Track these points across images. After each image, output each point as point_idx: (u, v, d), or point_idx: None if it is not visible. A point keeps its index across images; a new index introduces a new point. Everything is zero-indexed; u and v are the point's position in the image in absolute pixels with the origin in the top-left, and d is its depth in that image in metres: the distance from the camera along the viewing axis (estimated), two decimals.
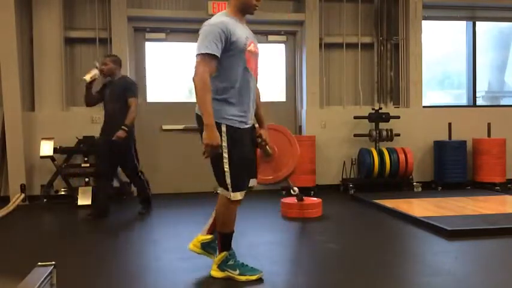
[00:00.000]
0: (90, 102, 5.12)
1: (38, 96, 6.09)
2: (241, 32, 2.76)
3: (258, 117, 3.06)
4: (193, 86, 2.65)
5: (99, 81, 5.17)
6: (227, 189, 2.73)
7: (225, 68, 2.71)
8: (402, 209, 4.83)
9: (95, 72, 4.94)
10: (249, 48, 2.78)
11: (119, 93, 4.94)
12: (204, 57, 2.63)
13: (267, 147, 3.12)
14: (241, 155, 2.74)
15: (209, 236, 3.01)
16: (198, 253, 3.02)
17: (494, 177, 6.46)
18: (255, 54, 2.87)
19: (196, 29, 7.24)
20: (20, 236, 4.31)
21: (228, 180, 2.71)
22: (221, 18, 2.73)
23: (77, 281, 2.88)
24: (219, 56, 2.65)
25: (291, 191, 4.74)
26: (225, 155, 2.69)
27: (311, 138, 6.38)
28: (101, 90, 5.14)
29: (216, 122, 2.63)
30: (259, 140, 3.00)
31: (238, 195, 2.75)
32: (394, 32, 6.86)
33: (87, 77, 4.91)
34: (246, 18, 2.92)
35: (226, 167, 2.69)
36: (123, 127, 4.84)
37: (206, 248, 3.02)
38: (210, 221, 3.06)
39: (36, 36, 6.06)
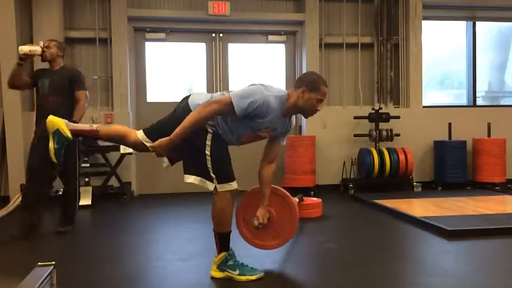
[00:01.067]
0: (16, 82, 4.22)
1: None
2: (271, 122, 2.76)
3: (262, 194, 3.02)
4: (202, 105, 2.66)
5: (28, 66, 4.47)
6: (212, 181, 2.74)
7: (232, 120, 2.72)
8: (402, 209, 4.83)
9: (36, 48, 4.09)
10: (259, 133, 2.82)
11: (63, 84, 4.19)
12: (230, 105, 2.63)
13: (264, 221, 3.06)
14: (222, 152, 2.77)
15: (69, 134, 2.89)
16: (49, 134, 2.89)
17: (494, 177, 6.46)
18: (259, 137, 2.90)
19: (196, 29, 7.26)
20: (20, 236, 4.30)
21: (212, 174, 2.73)
22: (273, 101, 2.68)
23: (77, 281, 2.88)
24: (237, 115, 2.65)
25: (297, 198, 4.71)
26: (208, 152, 2.72)
27: (311, 138, 6.38)
28: (34, 77, 4.30)
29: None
30: (256, 223, 2.98)
31: (226, 186, 2.74)
32: (394, 32, 6.86)
33: (26, 48, 4.00)
34: None
35: (209, 164, 2.71)
36: None
37: (57, 136, 2.88)
38: (83, 125, 3.05)
39: (36, 36, 6.05)
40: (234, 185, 2.78)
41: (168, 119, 2.89)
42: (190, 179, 2.79)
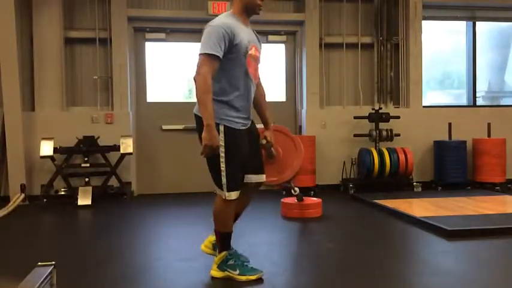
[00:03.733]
0: None
1: (38, 96, 6.09)
2: (244, 34, 2.76)
3: (263, 118, 3.06)
4: (194, 85, 2.65)
5: None
6: (222, 189, 2.74)
7: (226, 70, 2.71)
8: (402, 209, 4.83)
9: None
10: (250, 52, 2.78)
11: None
12: (208, 57, 2.63)
13: (272, 149, 3.11)
14: (238, 155, 2.74)
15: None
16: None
17: (494, 177, 6.46)
18: (255, 59, 2.88)
19: (196, 29, 7.26)
20: (20, 236, 4.31)
21: (224, 180, 2.71)
22: (225, 20, 2.73)
23: (77, 281, 2.88)
24: (221, 57, 2.65)
25: (292, 191, 4.74)
26: (222, 154, 2.69)
27: (311, 138, 6.38)
28: None
29: (215, 122, 2.64)
30: (264, 141, 2.99)
31: (232, 195, 2.74)
32: (394, 32, 6.86)
33: None
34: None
35: (223, 167, 2.70)
36: None
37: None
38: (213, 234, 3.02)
39: (36, 36, 6.06)
40: (235, 195, 2.77)
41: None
42: (216, 189, 2.79)
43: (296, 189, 4.73)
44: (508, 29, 7.85)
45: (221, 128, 2.69)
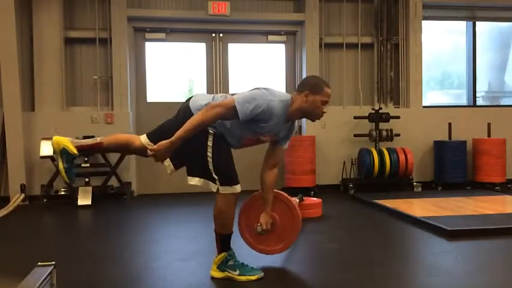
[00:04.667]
0: None
1: (38, 96, 6.09)
2: (274, 127, 2.75)
3: (264, 199, 3.02)
4: (205, 108, 2.64)
5: None
6: (215, 183, 2.73)
7: (231, 124, 2.72)
8: (402, 209, 4.83)
9: None
10: (260, 136, 2.80)
11: None
12: (234, 108, 2.61)
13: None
14: (224, 153, 2.76)
15: (75, 150, 2.81)
16: (56, 154, 2.83)
17: (494, 177, 6.46)
18: (260, 141, 2.88)
19: (196, 29, 7.26)
20: (20, 236, 4.31)
21: (215, 176, 2.72)
22: (277, 104, 2.68)
23: (77, 281, 2.88)
24: (241, 120, 2.64)
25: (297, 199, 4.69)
26: (209, 154, 2.71)
27: (311, 138, 6.38)
28: None
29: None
30: (259, 229, 2.98)
31: (228, 189, 2.73)
32: (394, 32, 6.86)
33: None
34: None
35: (211, 166, 2.71)
36: None
37: (64, 154, 2.80)
38: (87, 140, 2.95)
39: (36, 36, 6.06)
40: (237, 188, 2.76)
41: (171, 122, 2.89)
42: (194, 180, 2.78)
43: (297, 198, 4.72)
44: (508, 29, 7.85)
45: (210, 131, 2.72)
